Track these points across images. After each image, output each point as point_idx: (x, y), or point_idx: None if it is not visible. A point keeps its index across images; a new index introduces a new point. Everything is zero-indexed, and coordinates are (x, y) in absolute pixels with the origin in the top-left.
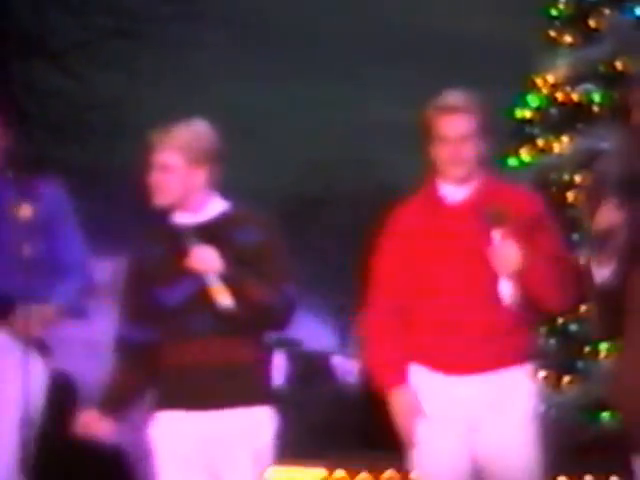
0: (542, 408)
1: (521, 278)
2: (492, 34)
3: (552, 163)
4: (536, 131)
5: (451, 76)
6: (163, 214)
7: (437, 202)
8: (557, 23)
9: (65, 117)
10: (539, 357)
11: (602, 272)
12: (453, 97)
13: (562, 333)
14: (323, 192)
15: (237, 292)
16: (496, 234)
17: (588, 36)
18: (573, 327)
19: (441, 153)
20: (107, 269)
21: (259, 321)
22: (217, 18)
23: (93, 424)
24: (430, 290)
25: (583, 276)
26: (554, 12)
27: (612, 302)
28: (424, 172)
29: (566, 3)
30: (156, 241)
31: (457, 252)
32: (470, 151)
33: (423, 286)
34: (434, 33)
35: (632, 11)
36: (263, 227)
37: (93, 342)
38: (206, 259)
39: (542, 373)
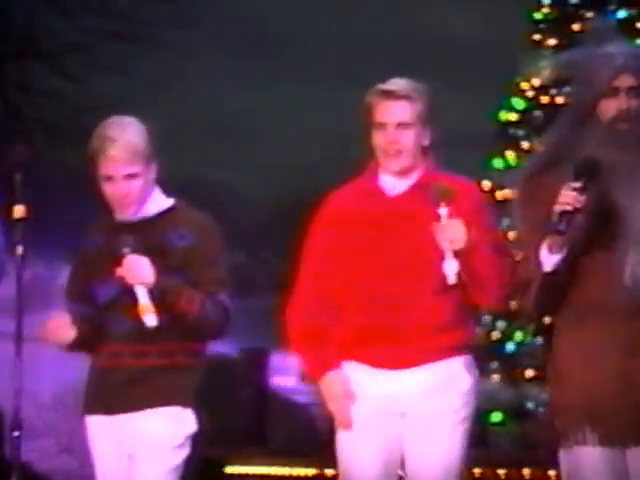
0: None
1: (466, 258)
2: (477, 38)
3: None
4: (520, 133)
5: (436, 80)
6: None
7: (375, 192)
8: (541, 27)
9: (62, 119)
10: (475, 350)
11: (551, 259)
12: (395, 84)
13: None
14: (313, 195)
15: (165, 309)
16: (443, 210)
17: (571, 39)
18: None
19: (378, 140)
20: None
21: (187, 334)
22: (213, 21)
23: (60, 329)
24: (359, 283)
25: (517, 271)
26: (538, 16)
27: (556, 290)
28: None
29: (550, 7)
30: (97, 234)
31: (393, 245)
32: (409, 140)
33: (352, 277)
34: (419, 37)
35: (614, 14)
36: (199, 231)
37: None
38: (138, 272)
39: (530, 372)
